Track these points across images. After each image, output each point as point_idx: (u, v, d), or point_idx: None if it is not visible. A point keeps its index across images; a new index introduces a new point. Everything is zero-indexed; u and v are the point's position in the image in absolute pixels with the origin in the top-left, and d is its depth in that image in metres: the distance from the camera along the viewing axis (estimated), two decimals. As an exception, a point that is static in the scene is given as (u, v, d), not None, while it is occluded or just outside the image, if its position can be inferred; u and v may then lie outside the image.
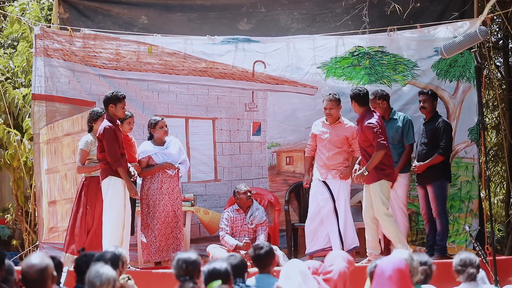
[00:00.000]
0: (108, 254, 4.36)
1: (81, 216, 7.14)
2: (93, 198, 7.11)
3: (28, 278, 3.59)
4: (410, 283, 3.94)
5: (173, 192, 7.47)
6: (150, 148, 7.55)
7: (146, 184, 7.49)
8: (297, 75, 8.60)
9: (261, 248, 4.74)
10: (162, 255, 7.41)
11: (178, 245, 7.42)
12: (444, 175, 7.48)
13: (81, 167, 7.24)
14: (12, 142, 9.26)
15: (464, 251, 6.50)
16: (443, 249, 7.37)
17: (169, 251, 7.40)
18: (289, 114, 8.62)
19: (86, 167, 7.20)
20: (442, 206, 7.40)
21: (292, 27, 9.01)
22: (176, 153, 7.58)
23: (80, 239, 7.10)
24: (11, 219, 10.49)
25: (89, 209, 7.11)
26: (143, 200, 7.49)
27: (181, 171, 7.61)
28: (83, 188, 7.20)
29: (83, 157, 7.20)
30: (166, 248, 7.40)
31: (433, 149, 7.45)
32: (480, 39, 6.71)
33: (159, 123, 7.53)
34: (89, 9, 8.89)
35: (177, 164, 7.53)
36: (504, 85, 10.28)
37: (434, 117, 7.56)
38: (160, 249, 7.39)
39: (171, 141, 7.65)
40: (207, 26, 8.90)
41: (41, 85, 8.33)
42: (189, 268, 3.96)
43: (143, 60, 8.55)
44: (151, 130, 7.58)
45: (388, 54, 8.59)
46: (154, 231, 7.38)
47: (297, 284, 4.57)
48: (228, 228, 7.67)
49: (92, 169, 7.16)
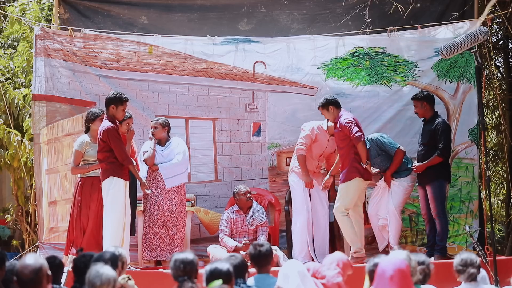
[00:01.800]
0: (107, 254, 4.36)
1: (76, 217, 7.13)
2: (87, 198, 7.08)
3: (23, 278, 3.60)
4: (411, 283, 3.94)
5: (169, 192, 7.49)
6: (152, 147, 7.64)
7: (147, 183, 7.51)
8: (297, 75, 8.60)
9: (262, 246, 4.74)
10: (156, 254, 7.45)
11: (176, 245, 7.43)
12: (443, 176, 7.48)
13: (74, 168, 7.24)
14: (13, 143, 9.27)
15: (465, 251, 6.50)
16: (443, 250, 7.37)
17: (165, 251, 7.42)
18: (290, 115, 8.61)
19: (79, 168, 7.20)
20: (441, 207, 7.40)
21: (292, 27, 9.01)
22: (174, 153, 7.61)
23: (77, 240, 7.09)
24: (11, 219, 10.49)
25: (83, 209, 7.10)
26: (145, 199, 7.53)
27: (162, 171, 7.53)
28: (78, 189, 7.19)
29: (77, 158, 7.20)
30: (161, 248, 7.42)
31: (431, 150, 7.45)
32: (480, 40, 6.71)
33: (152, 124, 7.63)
34: (89, 9, 8.89)
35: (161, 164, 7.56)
36: (504, 86, 10.28)
37: (433, 118, 7.55)
38: (152, 248, 7.43)
39: (172, 142, 7.66)
40: (207, 26, 8.90)
41: (41, 85, 8.33)
42: (187, 268, 3.96)
43: (143, 61, 8.55)
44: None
45: (388, 54, 8.59)
46: (146, 228, 7.47)
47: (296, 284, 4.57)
48: (228, 230, 7.67)
49: (85, 170, 7.15)
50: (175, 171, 7.60)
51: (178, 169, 7.63)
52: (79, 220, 7.12)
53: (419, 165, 7.47)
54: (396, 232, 7.57)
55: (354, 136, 7.15)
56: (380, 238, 7.68)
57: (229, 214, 7.76)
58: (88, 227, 7.06)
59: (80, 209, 7.12)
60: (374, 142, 7.60)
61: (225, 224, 7.70)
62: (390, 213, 7.55)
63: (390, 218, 7.55)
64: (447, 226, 7.49)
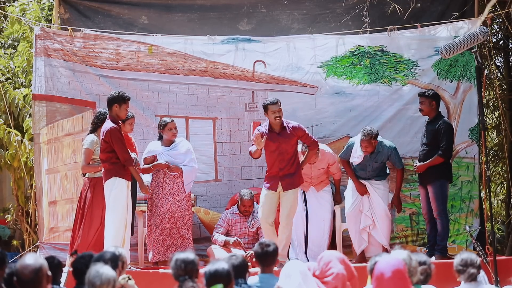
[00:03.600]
0: (108, 254, 4.36)
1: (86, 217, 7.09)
2: (100, 199, 7.03)
3: (23, 279, 3.59)
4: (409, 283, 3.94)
5: (178, 193, 7.45)
6: (157, 148, 7.57)
7: (152, 184, 7.50)
8: (297, 74, 8.60)
9: (268, 246, 4.74)
10: (167, 254, 7.39)
11: (187, 245, 7.37)
12: (444, 176, 7.47)
13: (85, 166, 7.20)
14: (13, 142, 9.28)
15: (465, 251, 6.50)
16: (443, 249, 7.37)
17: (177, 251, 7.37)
18: (290, 114, 8.55)
19: (91, 167, 7.17)
20: (442, 206, 7.40)
21: (292, 27, 9.01)
22: (182, 154, 7.57)
23: (86, 240, 7.05)
24: (11, 219, 10.50)
25: (95, 210, 7.06)
26: (149, 200, 7.51)
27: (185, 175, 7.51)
28: (90, 189, 7.14)
29: (88, 157, 7.16)
30: (172, 248, 7.37)
31: (433, 150, 7.44)
32: (480, 40, 6.71)
33: (169, 125, 7.54)
34: (90, 9, 8.88)
35: (181, 165, 7.52)
36: (504, 85, 10.28)
37: (436, 118, 7.53)
38: (164, 249, 7.37)
39: (180, 142, 7.64)
40: (208, 26, 8.89)
41: (41, 85, 8.33)
42: (188, 268, 3.96)
43: (143, 60, 8.55)
44: (160, 131, 7.60)
45: (388, 53, 8.59)
46: (157, 231, 7.39)
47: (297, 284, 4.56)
48: (222, 229, 7.75)
49: (97, 169, 7.12)
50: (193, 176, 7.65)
51: (195, 175, 7.72)
52: (89, 220, 7.07)
53: (421, 165, 7.47)
54: (388, 232, 7.60)
55: (312, 140, 7.26)
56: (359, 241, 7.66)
57: (228, 215, 7.78)
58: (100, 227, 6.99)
59: (91, 209, 7.08)
60: (390, 150, 7.58)
61: (221, 223, 7.79)
62: (383, 213, 7.55)
63: (382, 219, 7.54)
64: (448, 226, 7.49)
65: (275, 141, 7.07)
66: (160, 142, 7.62)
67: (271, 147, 7.08)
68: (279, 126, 7.09)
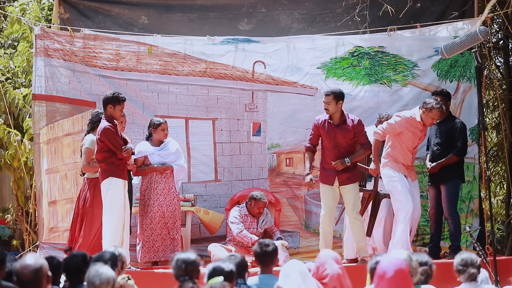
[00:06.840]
0: (107, 254, 4.36)
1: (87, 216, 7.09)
2: (101, 199, 7.01)
3: (23, 279, 3.59)
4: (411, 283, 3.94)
5: (169, 193, 7.47)
6: (147, 148, 7.56)
7: (143, 185, 7.52)
8: (297, 75, 8.60)
9: (268, 246, 4.74)
10: (158, 255, 7.43)
11: (175, 245, 7.42)
12: (458, 176, 7.47)
13: (86, 166, 7.19)
14: (13, 142, 9.28)
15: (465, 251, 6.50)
16: (458, 249, 7.25)
17: (166, 252, 7.41)
18: (289, 115, 8.61)
19: (92, 166, 7.15)
20: (453, 207, 7.38)
21: (292, 27, 9.01)
22: (173, 154, 7.59)
23: (87, 240, 7.05)
24: (11, 219, 10.50)
25: (96, 209, 7.05)
26: (140, 201, 7.53)
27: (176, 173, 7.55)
28: (90, 190, 7.15)
29: (89, 156, 7.16)
30: (163, 249, 7.41)
31: (447, 149, 7.41)
32: (480, 40, 6.71)
33: (162, 125, 7.53)
34: (90, 9, 8.89)
35: (174, 163, 7.53)
36: (504, 85, 10.28)
37: (449, 118, 7.53)
38: (155, 249, 7.40)
39: (169, 142, 7.64)
40: (207, 26, 8.90)
41: (41, 85, 8.33)
42: (189, 268, 3.97)
43: (143, 61, 8.55)
44: (152, 130, 7.56)
45: (388, 54, 8.59)
46: (148, 231, 7.41)
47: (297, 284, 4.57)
48: (242, 224, 7.63)
49: (97, 168, 7.12)
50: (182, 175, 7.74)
51: (184, 173, 7.84)
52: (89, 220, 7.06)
53: (435, 164, 7.41)
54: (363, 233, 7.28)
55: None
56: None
57: (239, 211, 7.70)
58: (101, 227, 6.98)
59: (92, 210, 7.08)
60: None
61: (238, 219, 7.64)
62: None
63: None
64: (460, 226, 7.47)
65: (331, 132, 6.95)
66: (149, 142, 7.61)
67: (327, 138, 6.96)
68: (338, 118, 6.98)
